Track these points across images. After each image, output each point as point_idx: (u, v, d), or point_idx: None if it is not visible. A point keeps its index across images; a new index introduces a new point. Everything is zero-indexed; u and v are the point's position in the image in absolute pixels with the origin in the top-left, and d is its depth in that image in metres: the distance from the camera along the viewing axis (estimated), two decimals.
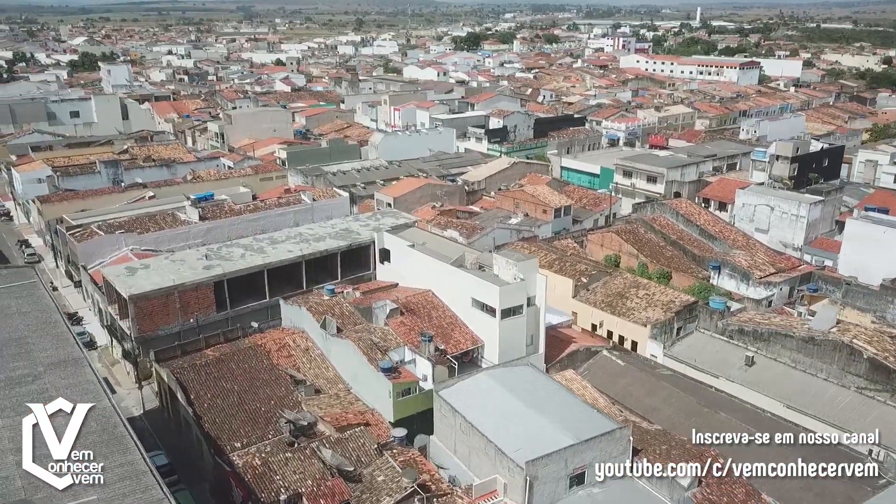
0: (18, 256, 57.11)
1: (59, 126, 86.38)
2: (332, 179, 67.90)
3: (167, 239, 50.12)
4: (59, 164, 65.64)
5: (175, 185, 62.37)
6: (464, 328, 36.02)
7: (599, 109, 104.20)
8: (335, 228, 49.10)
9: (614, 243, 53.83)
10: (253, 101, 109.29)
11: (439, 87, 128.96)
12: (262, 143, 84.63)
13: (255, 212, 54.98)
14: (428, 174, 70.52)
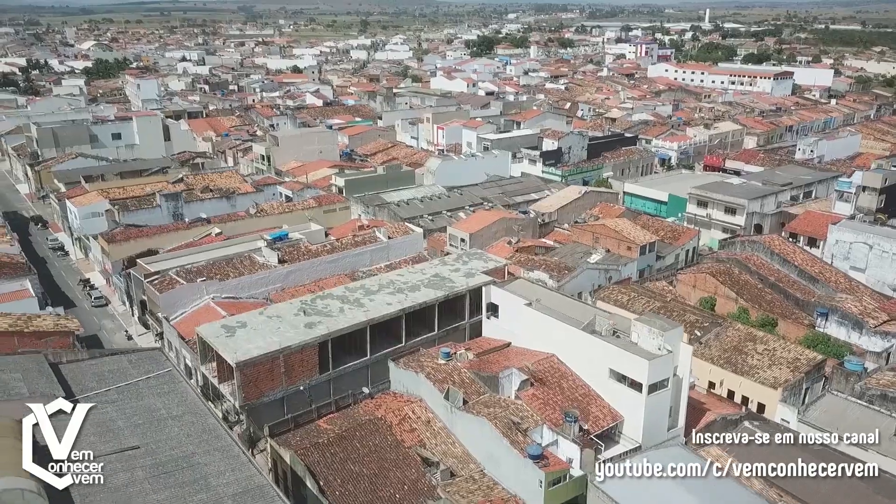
0: (84, 298, 54.70)
1: (102, 149, 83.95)
2: (397, 211, 65.59)
3: (247, 285, 47.85)
4: (116, 197, 63.23)
5: (240, 220, 60.00)
6: (600, 401, 33.66)
7: (647, 126, 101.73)
8: (426, 275, 46.72)
9: (709, 285, 51.49)
10: (290, 119, 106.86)
11: (474, 101, 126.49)
12: (310, 167, 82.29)
13: (332, 252, 52.63)
14: (493, 204, 68.19)
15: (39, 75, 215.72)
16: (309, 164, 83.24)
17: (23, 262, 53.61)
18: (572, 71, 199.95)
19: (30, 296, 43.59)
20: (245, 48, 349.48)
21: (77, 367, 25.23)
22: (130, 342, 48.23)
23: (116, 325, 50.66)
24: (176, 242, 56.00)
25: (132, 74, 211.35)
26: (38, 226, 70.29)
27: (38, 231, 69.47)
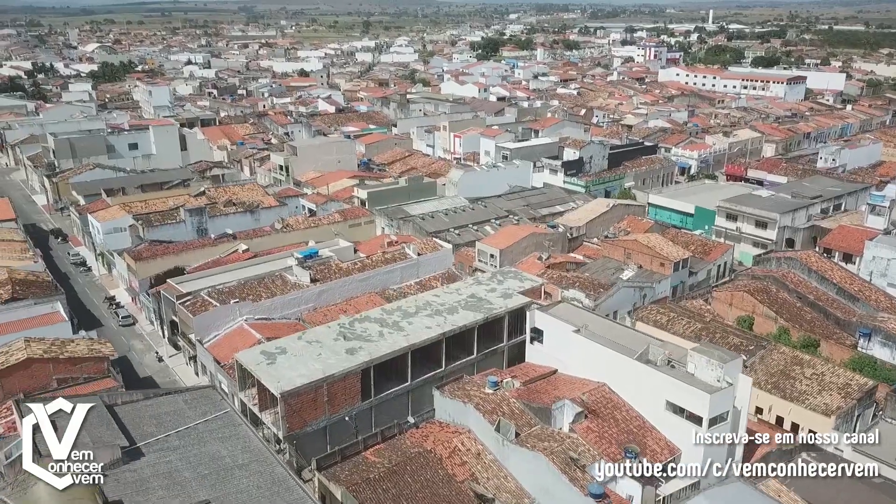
0: (110, 317, 53.82)
1: (118, 159, 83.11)
2: (422, 225, 64.72)
3: (280, 306, 47.02)
4: (139, 211, 62.44)
5: (266, 236, 59.15)
6: (656, 434, 32.86)
7: (665, 134, 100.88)
8: (462, 296, 45.89)
9: (747, 303, 50.63)
10: (305, 127, 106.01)
11: (487, 107, 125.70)
12: (330, 177, 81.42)
13: (363, 270, 51.79)
14: (519, 217, 67.38)
15: (45, 79, 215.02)
16: (328, 175, 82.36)
17: (49, 279, 52.84)
18: (581, 75, 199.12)
19: (62, 320, 42.76)
20: (249, 50, 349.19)
21: (133, 408, 24.46)
22: (161, 364, 47.41)
23: (145, 345, 49.80)
24: (202, 259, 55.21)
25: (139, 78, 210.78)
26: (59, 240, 69.40)
27: (59, 245, 68.57)
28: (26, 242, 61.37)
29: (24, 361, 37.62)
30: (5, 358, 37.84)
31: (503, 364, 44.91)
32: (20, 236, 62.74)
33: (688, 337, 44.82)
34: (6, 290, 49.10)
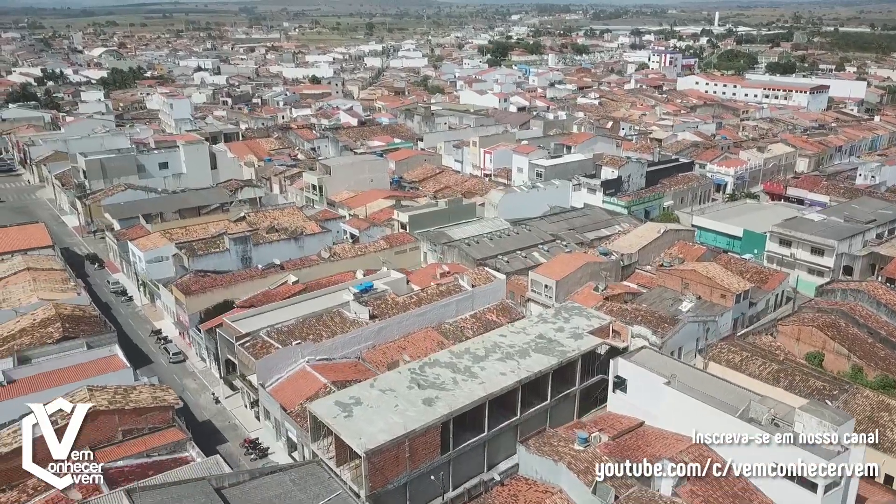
0: (159, 352, 52.35)
1: (149, 179, 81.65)
2: (468, 251, 63.27)
3: (340, 345, 45.59)
4: (180, 238, 61.00)
5: (314, 266, 57.70)
6: (762, 498, 31.39)
7: (698, 150, 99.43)
8: (529, 336, 44.41)
9: (816, 339, 49.20)
10: (331, 142, 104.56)
11: (511, 119, 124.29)
12: (364, 197, 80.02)
13: (419, 305, 50.36)
14: (567, 242, 65.95)
15: (56, 86, 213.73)
16: (363, 195, 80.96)
17: (96, 314, 51.42)
18: (596, 82, 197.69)
19: (124, 366, 41.21)
20: (256, 54, 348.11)
21: (241, 491, 23.14)
22: (218, 405, 45.96)
23: (199, 384, 48.35)
24: (251, 292, 53.82)
25: (150, 85, 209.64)
26: (96, 266, 67.84)
27: (95, 271, 67.03)
28: (66, 271, 60.01)
29: (90, 414, 36.07)
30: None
31: (575, 408, 43.59)
32: (59, 264, 61.36)
33: (765, 379, 43.47)
34: (56, 328, 47.75)
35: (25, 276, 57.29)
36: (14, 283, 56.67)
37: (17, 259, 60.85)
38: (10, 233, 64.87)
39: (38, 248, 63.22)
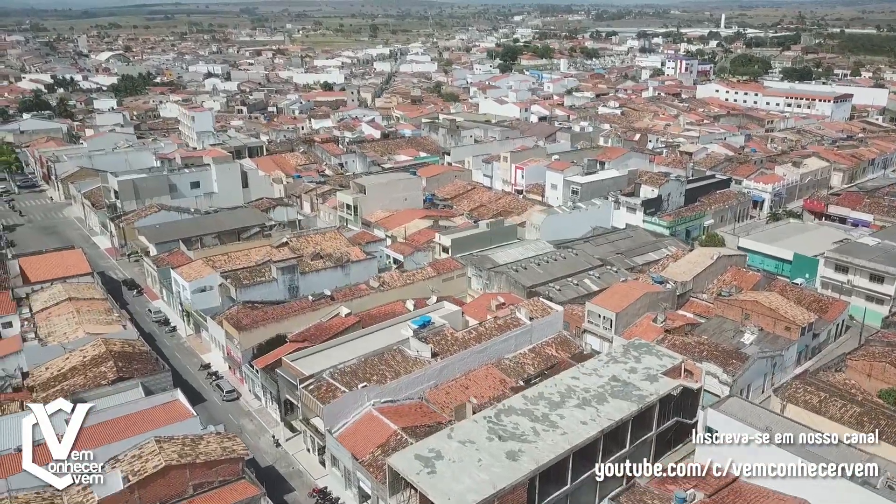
0: (210, 389, 50.90)
1: (181, 199, 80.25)
2: (517, 277, 61.84)
3: (405, 386, 44.18)
4: (223, 266, 59.56)
5: (365, 297, 56.22)
6: None
7: (732, 165, 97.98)
8: (602, 378, 42.95)
9: (889, 375, 47.62)
10: (359, 157, 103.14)
11: (536, 131, 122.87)
12: (400, 217, 78.62)
13: (479, 340, 48.92)
14: (616, 268, 64.51)
15: (67, 93, 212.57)
16: (398, 215, 79.56)
17: (146, 350, 50.02)
18: (612, 88, 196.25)
19: (190, 414, 39.66)
20: (263, 58, 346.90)
21: None
22: (279, 448, 44.53)
23: (256, 426, 46.91)
24: (303, 325, 52.41)
25: (162, 92, 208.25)
26: (134, 292, 66.36)
27: (134, 298, 65.56)
28: (108, 300, 58.59)
29: (161, 469, 34.74)
30: (141, 465, 34.96)
31: (650, 453, 42.16)
32: (100, 293, 59.98)
33: (847, 423, 42.08)
34: (109, 367, 46.39)
35: (68, 306, 55.90)
36: (57, 314, 55.26)
37: (58, 288, 59.46)
38: (48, 259, 63.38)
39: (78, 275, 61.71)
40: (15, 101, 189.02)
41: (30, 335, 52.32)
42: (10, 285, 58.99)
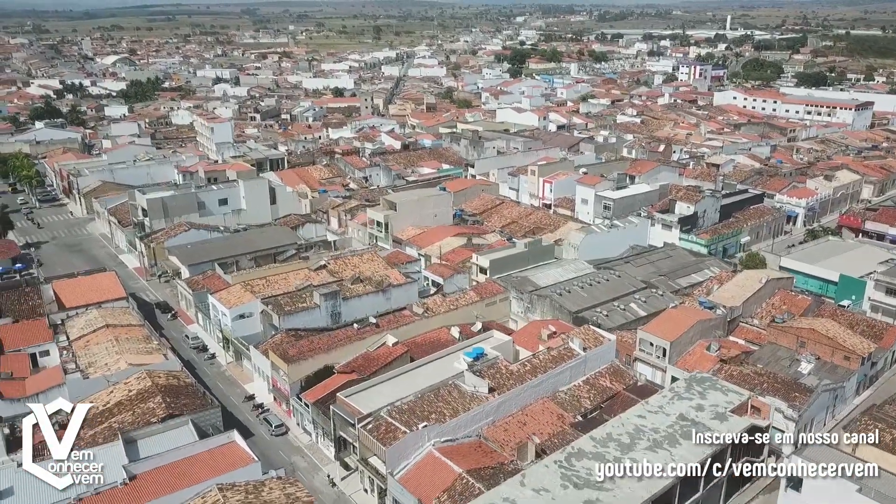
0: (257, 422, 49.56)
1: (209, 216, 78.95)
2: (561, 301, 60.57)
3: (464, 424, 42.86)
4: (262, 291, 58.26)
5: (410, 324, 54.91)
6: None
7: (763, 178, 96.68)
8: (669, 416, 41.68)
9: None
10: (383, 170, 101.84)
11: (559, 141, 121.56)
12: (431, 235, 77.30)
13: (535, 374, 47.60)
14: (661, 291, 63.21)
15: (76, 99, 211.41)
16: (429, 232, 78.28)
17: (190, 382, 48.68)
18: (626, 94, 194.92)
19: (252, 459, 38.25)
20: (269, 61, 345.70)
21: None
22: (335, 488, 43.24)
23: (309, 463, 45.60)
24: (350, 354, 51.10)
25: (172, 98, 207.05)
26: (168, 316, 65.01)
27: (169, 322, 64.23)
28: (145, 326, 57.26)
29: None
30: None
31: (721, 494, 40.92)
32: (136, 318, 58.61)
33: None
34: (157, 402, 45.04)
35: (106, 334, 54.57)
36: (95, 342, 53.94)
37: (94, 314, 58.12)
38: (82, 283, 62.04)
39: (113, 300, 60.38)
40: (25, 108, 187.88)
41: (70, 366, 50.98)
42: (46, 311, 57.61)
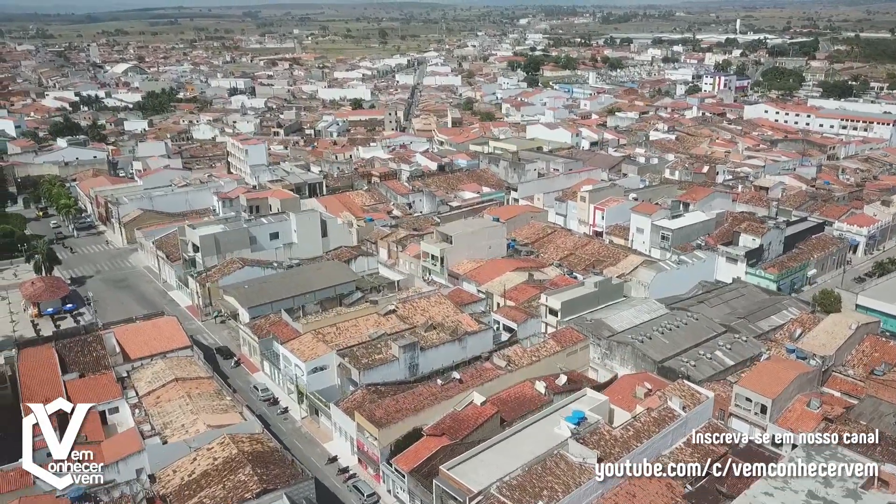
0: (344, 489, 47.21)
1: (260, 251, 76.69)
2: (643, 349, 58.29)
3: (576, 500, 40.57)
4: (333, 339, 55.97)
5: (494, 379, 52.60)
6: None
7: (819, 203, 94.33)
8: (798, 493, 39.36)
9: None
10: (427, 196, 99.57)
11: (598, 161, 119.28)
12: (489, 270, 75.15)
13: (639, 439, 45.30)
14: (744, 336, 60.89)
15: (94, 113, 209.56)
16: (486, 266, 76.12)
17: (274, 446, 46.36)
18: (651, 106, 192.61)
19: None
20: (280, 69, 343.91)
21: None
22: None
23: None
24: (437, 414, 48.82)
25: (191, 111, 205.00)
26: (232, 363, 62.64)
27: (233, 370, 61.87)
28: (214, 379, 54.96)
29: None
30: None
31: None
32: (204, 370, 56.31)
33: None
34: (248, 475, 42.70)
35: (177, 389, 52.32)
36: (167, 399, 51.68)
37: (160, 365, 55.91)
38: (144, 330, 59.69)
39: (177, 349, 58.10)
40: (43, 122, 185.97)
41: (145, 427, 48.71)
42: (111, 363, 55.29)
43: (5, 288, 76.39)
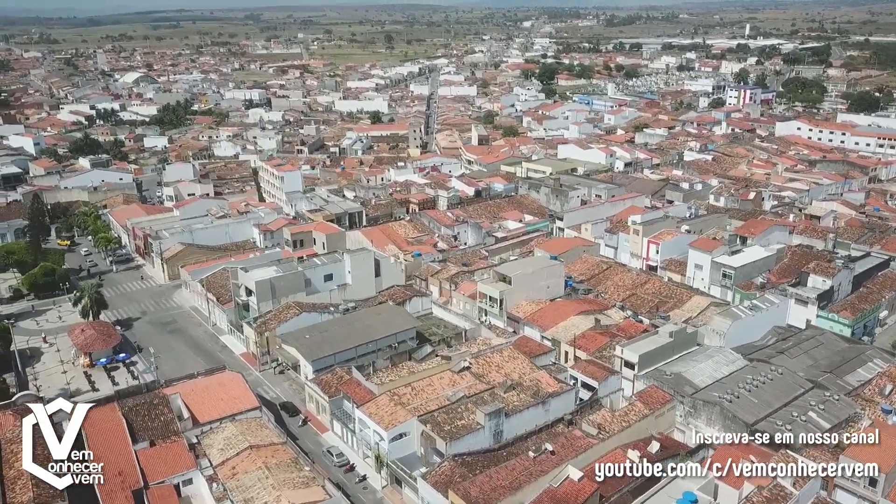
0: None
1: (315, 294, 74.19)
2: (733, 410, 55.74)
3: None
4: (410, 401, 53.48)
5: (587, 451, 50.04)
6: None
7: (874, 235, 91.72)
8: None
9: None
10: (473, 228, 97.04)
11: (639, 186, 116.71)
12: (552, 313, 72.63)
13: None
14: (836, 395, 58.35)
15: (110, 126, 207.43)
16: (548, 309, 73.62)
17: None
18: (677, 121, 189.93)
19: None
20: (291, 77, 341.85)
21: None
22: None
23: None
24: (533, 491, 46.32)
25: (210, 126, 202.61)
26: (299, 423, 60.00)
27: (300, 429, 59.26)
28: (288, 445, 52.40)
29: None
30: None
31: None
32: (275, 433, 53.71)
33: None
34: None
35: (254, 459, 49.76)
36: (244, 471, 49.11)
37: (230, 429, 53.34)
38: (209, 389, 56.95)
39: (246, 410, 55.56)
40: (61, 138, 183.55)
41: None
42: (180, 429, 52.72)
43: (51, 332, 73.84)
